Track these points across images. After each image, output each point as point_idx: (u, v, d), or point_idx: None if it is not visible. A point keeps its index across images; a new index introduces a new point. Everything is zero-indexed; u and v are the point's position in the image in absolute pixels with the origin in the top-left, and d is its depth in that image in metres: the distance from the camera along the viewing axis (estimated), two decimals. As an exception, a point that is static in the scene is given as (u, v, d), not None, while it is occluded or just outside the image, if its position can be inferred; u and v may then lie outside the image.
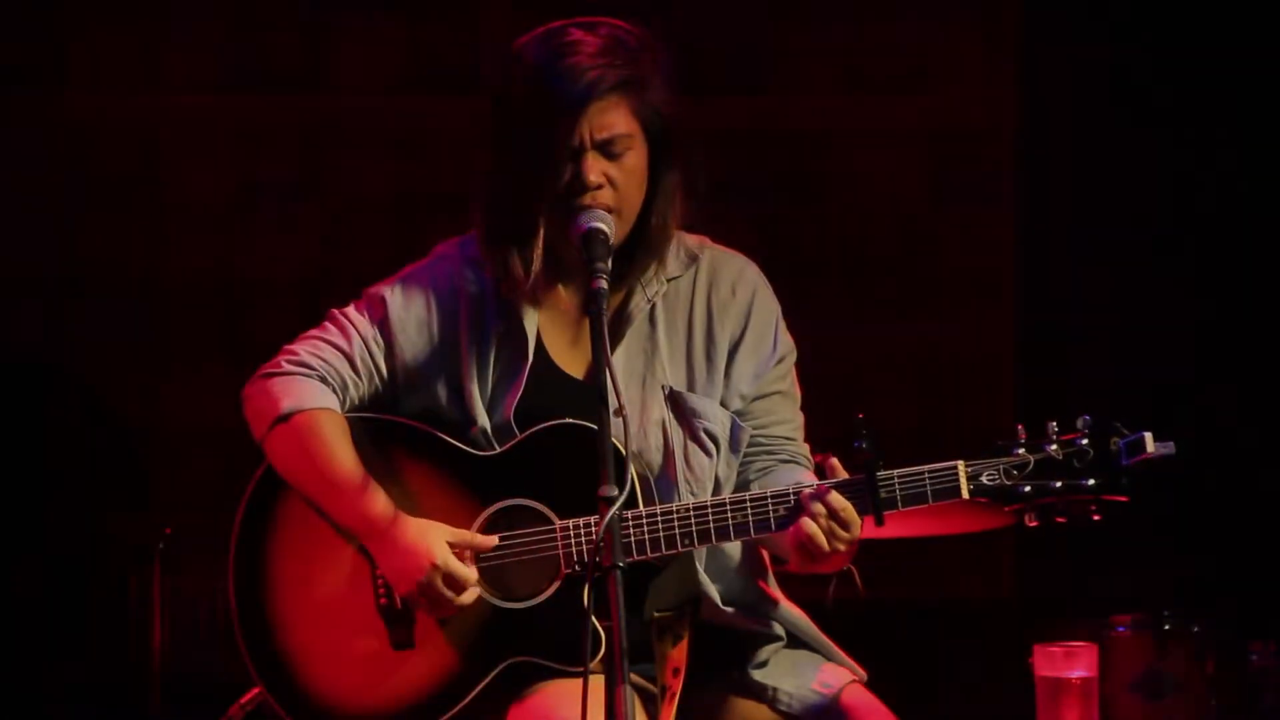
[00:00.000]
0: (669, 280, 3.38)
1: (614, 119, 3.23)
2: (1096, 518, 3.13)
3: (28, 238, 6.31)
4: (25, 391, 6.27)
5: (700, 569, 3.34)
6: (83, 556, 6.08)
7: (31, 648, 5.99)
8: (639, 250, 3.32)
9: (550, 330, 3.38)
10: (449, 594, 3.18)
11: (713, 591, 3.34)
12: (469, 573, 3.20)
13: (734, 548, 3.41)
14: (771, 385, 3.41)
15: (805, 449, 3.45)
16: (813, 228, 6.46)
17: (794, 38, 6.43)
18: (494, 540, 3.23)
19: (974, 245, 6.44)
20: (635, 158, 3.26)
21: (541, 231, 3.29)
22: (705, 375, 3.36)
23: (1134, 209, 6.22)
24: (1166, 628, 5.21)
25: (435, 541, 3.20)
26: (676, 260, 3.39)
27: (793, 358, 3.45)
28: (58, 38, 6.31)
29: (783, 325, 3.44)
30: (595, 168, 3.22)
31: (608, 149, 3.23)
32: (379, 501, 3.24)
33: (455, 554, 3.20)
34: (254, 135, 6.40)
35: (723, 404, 3.36)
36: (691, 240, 3.43)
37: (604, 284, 3.09)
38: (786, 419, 3.43)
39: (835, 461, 3.17)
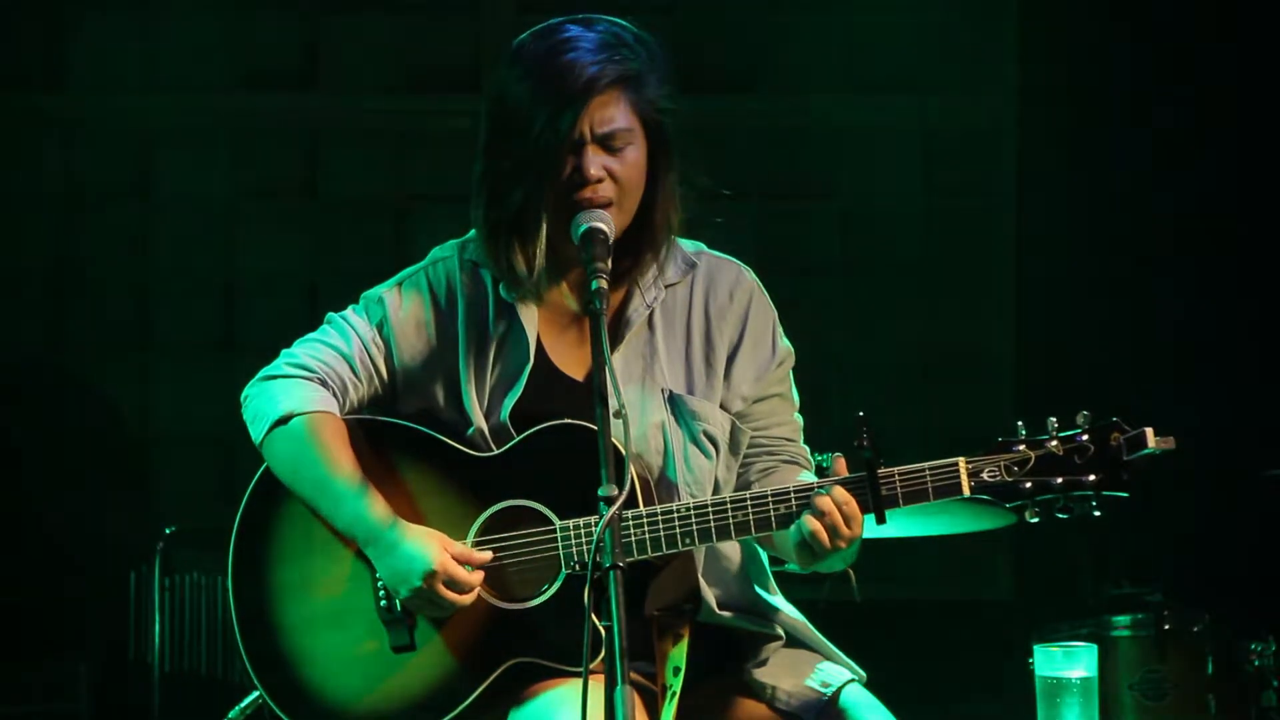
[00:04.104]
0: (667, 287, 3.39)
1: (614, 113, 3.23)
2: (1097, 514, 3.13)
3: (27, 237, 6.31)
4: (26, 391, 6.27)
5: (699, 573, 3.34)
6: (83, 556, 6.08)
7: (32, 647, 5.99)
8: (640, 246, 3.33)
9: (549, 331, 3.38)
10: (450, 597, 3.18)
11: (710, 596, 3.34)
12: (468, 576, 3.19)
13: (732, 551, 3.41)
14: (771, 388, 3.42)
15: (805, 450, 3.45)
16: (813, 227, 6.46)
17: (794, 38, 6.43)
18: (488, 556, 3.22)
19: (974, 244, 6.44)
20: (635, 152, 3.26)
21: (544, 228, 3.28)
22: (704, 379, 3.37)
23: (1134, 207, 6.23)
24: (1166, 628, 5.21)
25: (433, 546, 3.19)
26: (674, 267, 3.40)
27: (791, 361, 3.46)
28: (57, 38, 6.31)
29: (780, 329, 3.45)
30: (595, 162, 3.23)
31: (608, 143, 3.24)
32: (377, 507, 3.23)
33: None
34: (253, 135, 6.40)
35: (724, 407, 3.36)
36: (688, 247, 3.43)
37: (604, 283, 3.09)
38: (786, 420, 3.44)
39: (838, 459, 3.17)
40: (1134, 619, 5.25)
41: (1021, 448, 3.14)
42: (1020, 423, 3.15)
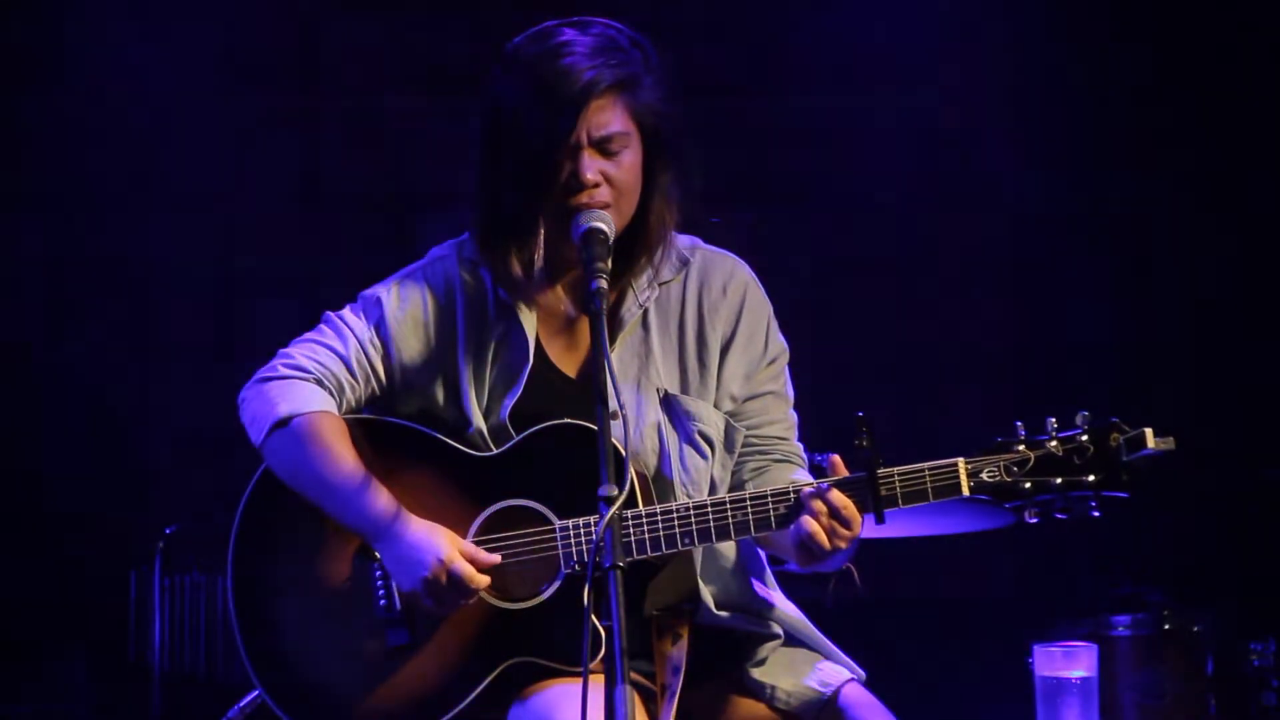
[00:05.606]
0: (661, 284, 3.39)
1: (610, 117, 3.23)
2: (1096, 514, 3.13)
3: (27, 237, 6.31)
4: (26, 391, 6.27)
5: (697, 573, 3.34)
6: (83, 556, 6.08)
7: (32, 647, 6.00)
8: (636, 248, 3.33)
9: (547, 331, 3.38)
10: (454, 589, 3.18)
11: (708, 596, 3.34)
12: (475, 573, 3.19)
13: (730, 550, 3.41)
14: (764, 385, 3.41)
15: (798, 448, 3.45)
16: (813, 227, 6.46)
17: (795, 38, 6.43)
18: (496, 559, 3.22)
19: (974, 243, 6.44)
20: (631, 156, 3.26)
21: (541, 231, 3.29)
22: (698, 378, 3.37)
23: (1134, 207, 6.23)
24: (1166, 627, 5.21)
25: (442, 538, 3.19)
26: (668, 264, 3.40)
27: (785, 358, 3.45)
28: (56, 37, 6.31)
29: (774, 326, 3.44)
30: (592, 166, 3.23)
31: (604, 147, 3.24)
32: (382, 501, 3.23)
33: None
34: (253, 135, 6.40)
35: (715, 405, 3.36)
36: (683, 243, 3.43)
37: (604, 283, 3.09)
38: (779, 419, 3.43)
39: (837, 459, 3.17)
40: (1134, 619, 5.24)
41: (1021, 448, 3.14)
42: (1020, 423, 3.15)
